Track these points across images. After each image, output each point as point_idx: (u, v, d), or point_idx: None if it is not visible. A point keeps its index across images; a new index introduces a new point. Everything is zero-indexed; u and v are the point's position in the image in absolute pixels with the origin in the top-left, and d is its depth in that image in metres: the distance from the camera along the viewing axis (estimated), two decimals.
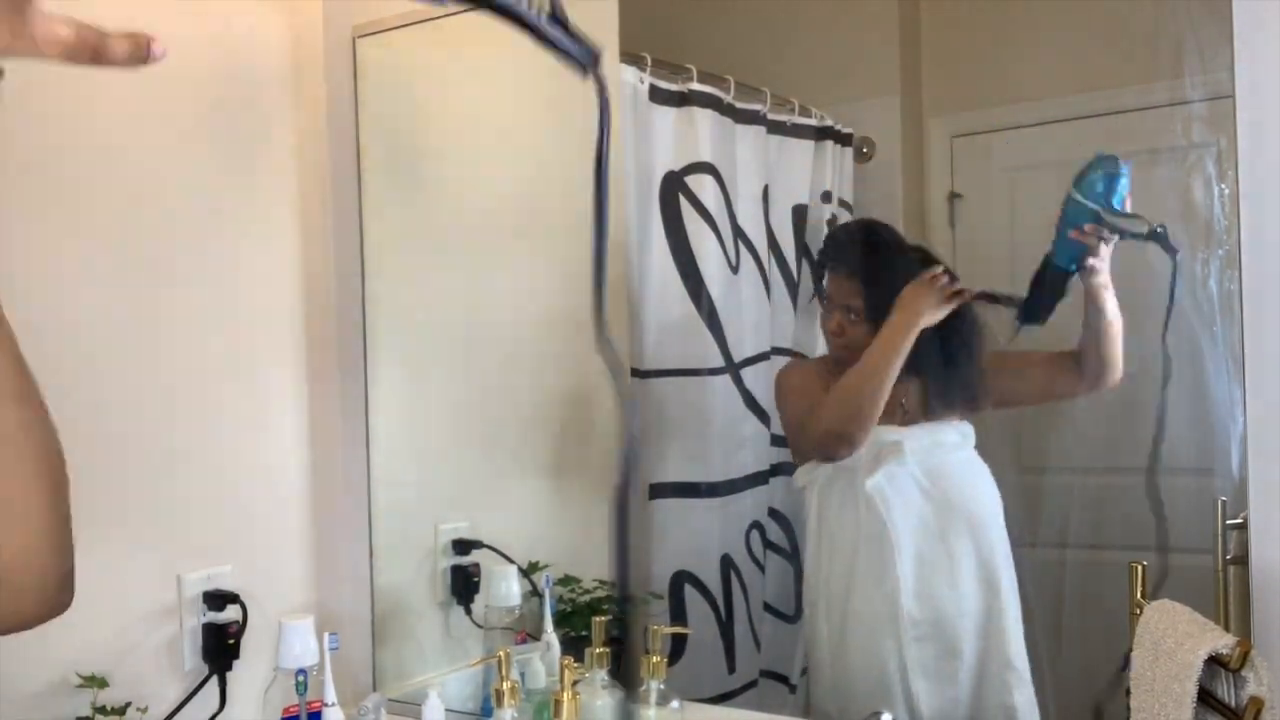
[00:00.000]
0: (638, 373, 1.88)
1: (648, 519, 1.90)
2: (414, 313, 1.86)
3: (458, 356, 1.90)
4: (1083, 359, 1.55)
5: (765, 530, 1.93)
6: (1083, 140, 1.67)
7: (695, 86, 1.85)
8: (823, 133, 1.92)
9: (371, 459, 1.79)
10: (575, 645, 1.66)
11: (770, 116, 1.91)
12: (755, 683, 1.89)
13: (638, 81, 1.81)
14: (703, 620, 1.88)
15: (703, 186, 1.88)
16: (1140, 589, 1.25)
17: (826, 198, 1.92)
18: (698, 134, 1.87)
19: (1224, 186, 1.44)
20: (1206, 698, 1.05)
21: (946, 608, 1.63)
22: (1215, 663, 1.04)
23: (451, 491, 1.90)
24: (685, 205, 1.87)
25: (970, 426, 1.65)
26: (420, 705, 1.59)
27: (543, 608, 1.71)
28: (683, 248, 1.87)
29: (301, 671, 1.49)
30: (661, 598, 1.86)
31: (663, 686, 1.52)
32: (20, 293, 1.41)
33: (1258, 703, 1.02)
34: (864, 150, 1.91)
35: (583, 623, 1.68)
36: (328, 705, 1.51)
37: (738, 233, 1.90)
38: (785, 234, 1.94)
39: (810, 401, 1.72)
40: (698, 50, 1.88)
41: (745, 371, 1.91)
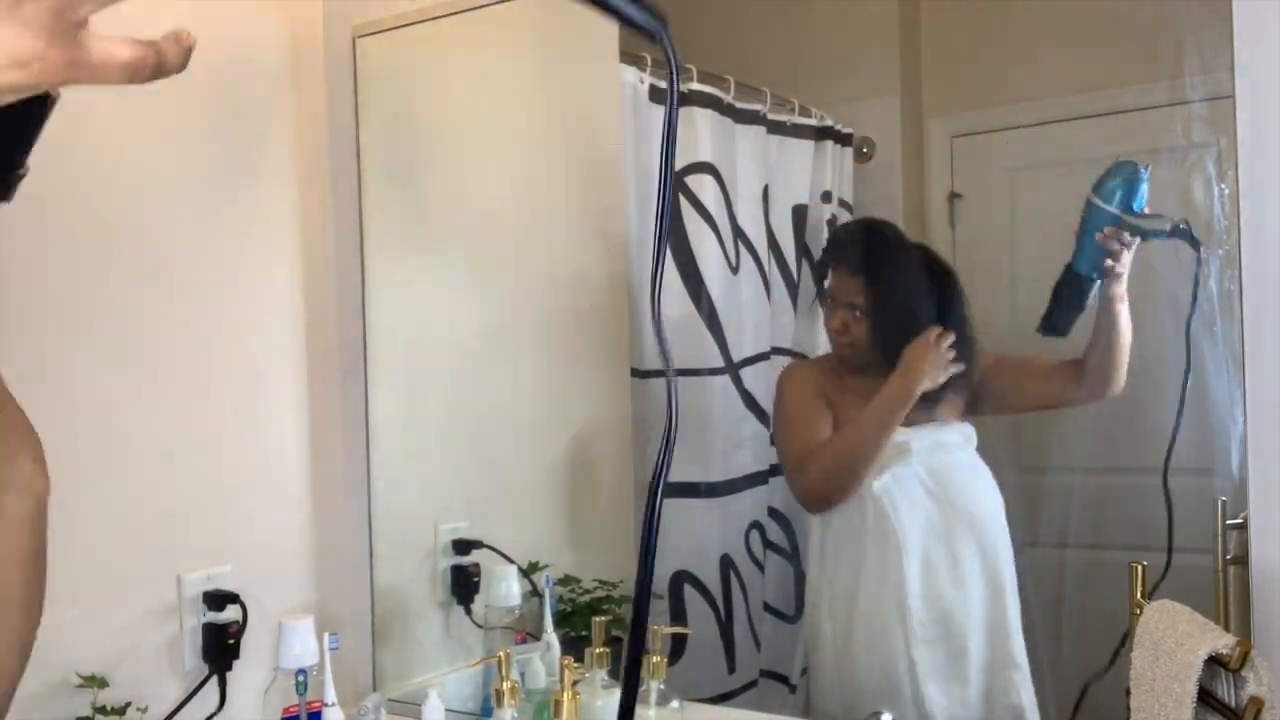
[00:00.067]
0: (637, 373, 1.88)
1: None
2: (414, 312, 1.86)
3: (458, 356, 1.90)
4: (1086, 368, 1.54)
5: (765, 530, 1.93)
6: (1083, 140, 1.67)
7: (695, 86, 1.85)
8: (823, 133, 1.92)
9: (371, 459, 1.79)
10: (575, 645, 1.66)
11: (770, 116, 1.91)
12: (755, 683, 1.89)
13: (637, 81, 1.81)
14: (703, 620, 1.87)
15: (703, 186, 1.88)
16: (1140, 589, 1.25)
17: (826, 198, 1.92)
18: (698, 134, 1.87)
19: (1224, 186, 1.44)
20: (1206, 698, 1.05)
21: (952, 608, 1.63)
22: (1215, 663, 1.04)
23: (451, 491, 1.90)
24: (685, 205, 1.87)
25: (972, 428, 1.64)
26: (420, 705, 1.59)
27: (543, 608, 1.71)
28: (683, 248, 1.87)
29: (301, 671, 1.49)
30: (661, 598, 1.86)
31: (663, 686, 1.52)
32: (20, 295, 1.42)
33: (1258, 703, 1.02)
34: (864, 150, 1.91)
35: (583, 623, 1.68)
36: (328, 705, 1.51)
37: (738, 233, 1.90)
38: (785, 234, 1.93)
39: (804, 442, 1.73)
40: (698, 50, 1.88)
41: (745, 371, 1.91)
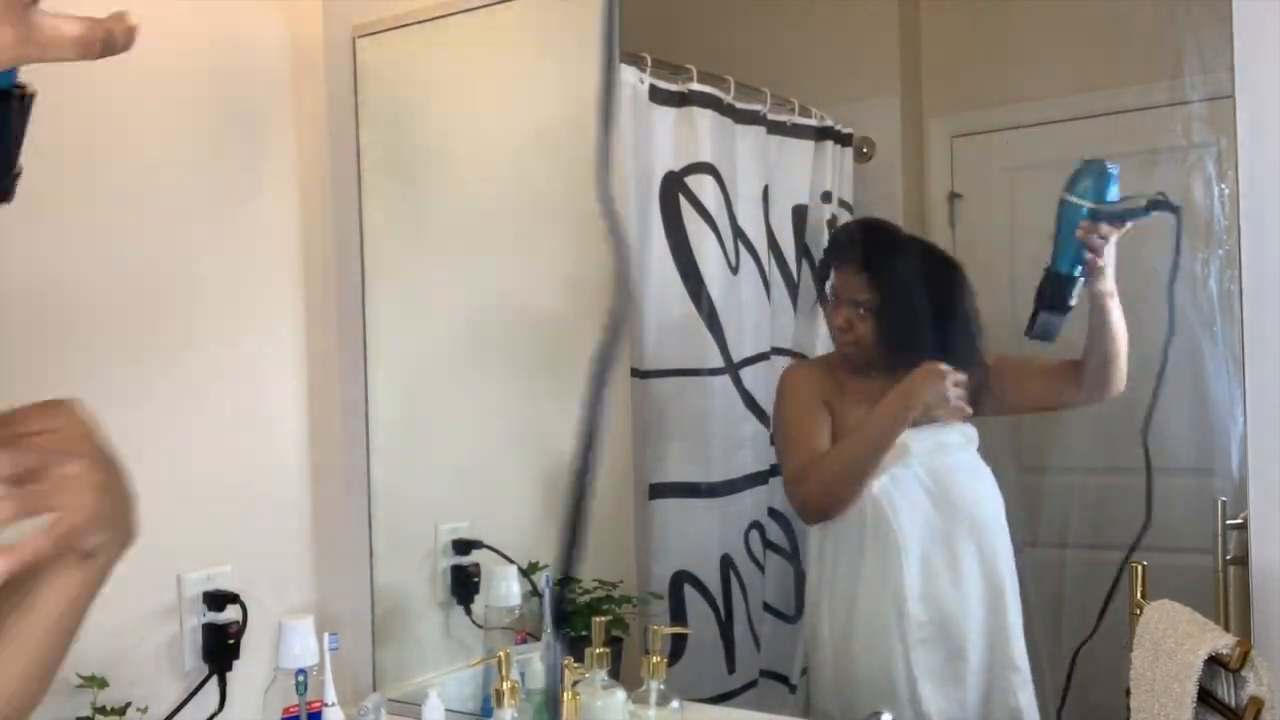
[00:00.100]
0: (637, 373, 1.88)
1: (648, 519, 1.89)
2: (414, 312, 1.86)
3: (458, 356, 1.90)
4: (1084, 370, 1.54)
5: (765, 530, 1.93)
6: (1083, 140, 1.67)
7: (695, 86, 1.85)
8: (823, 133, 1.92)
9: (371, 459, 1.79)
10: (575, 645, 1.66)
11: (770, 116, 1.91)
12: (755, 683, 1.89)
13: (637, 81, 1.81)
14: (703, 620, 1.87)
15: (703, 187, 1.88)
16: (1140, 589, 1.25)
17: (826, 198, 1.92)
18: (698, 134, 1.87)
19: (1224, 186, 1.43)
20: (1206, 698, 1.05)
21: (951, 609, 1.63)
22: (1215, 663, 1.04)
23: (451, 491, 1.90)
24: (685, 205, 1.87)
25: (973, 429, 1.64)
26: (420, 705, 1.59)
27: (543, 608, 1.71)
28: (683, 248, 1.87)
29: (301, 671, 1.49)
30: (661, 598, 1.86)
31: (663, 686, 1.52)
32: (20, 293, 1.42)
33: (1258, 703, 1.02)
34: (864, 150, 1.91)
35: (583, 623, 1.68)
36: (328, 705, 1.51)
37: (738, 233, 1.90)
38: (785, 234, 1.93)
39: (804, 453, 1.73)
40: (698, 50, 1.88)
41: (745, 372, 1.91)
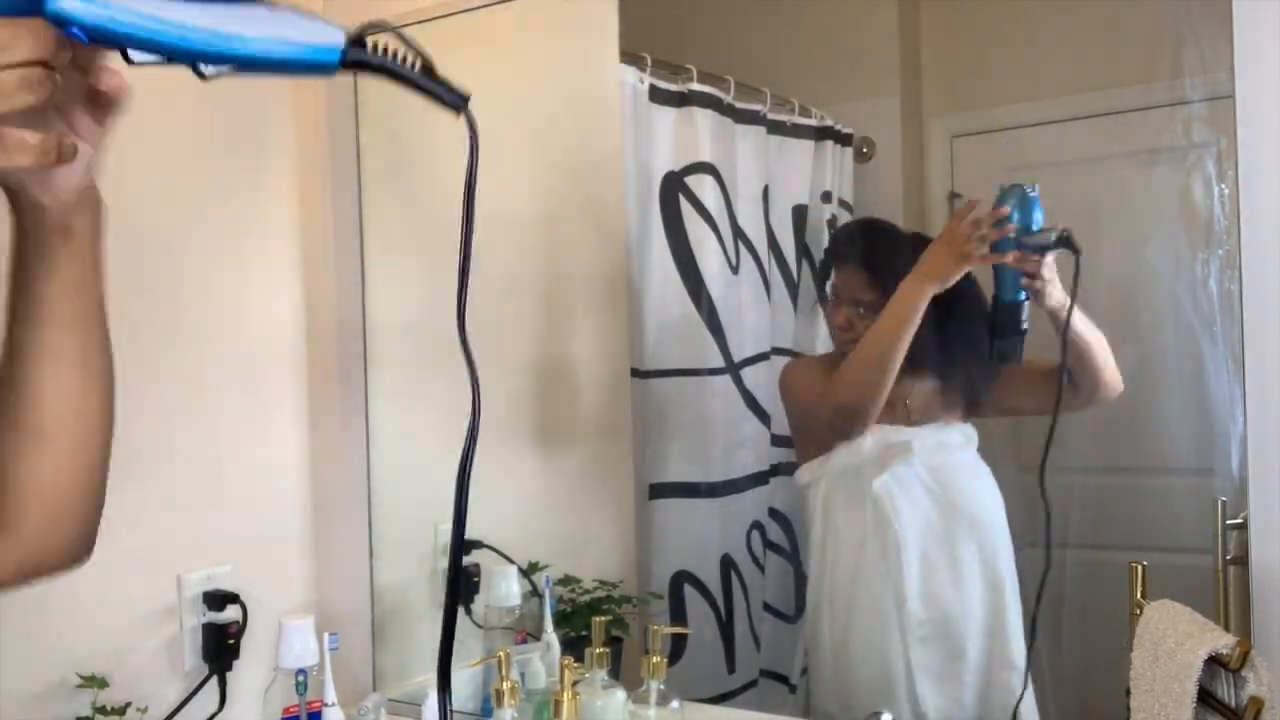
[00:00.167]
0: (638, 373, 1.88)
1: (648, 519, 1.90)
2: (414, 312, 1.85)
3: (458, 355, 1.89)
4: (1075, 375, 1.54)
5: (765, 530, 1.93)
6: (1083, 140, 1.68)
7: (695, 86, 1.85)
8: (823, 133, 1.92)
9: (371, 459, 1.79)
10: (575, 645, 1.66)
11: (770, 116, 1.91)
12: (755, 683, 1.89)
13: (638, 81, 1.81)
14: (703, 620, 1.87)
15: (703, 187, 1.88)
16: (1140, 589, 1.25)
17: (826, 198, 1.92)
18: (698, 134, 1.87)
19: (1224, 186, 1.44)
20: (1206, 698, 1.05)
21: (951, 609, 1.63)
22: (1215, 663, 1.04)
23: (451, 491, 1.89)
24: (685, 205, 1.87)
25: (973, 429, 1.64)
26: (420, 705, 1.59)
27: (543, 608, 1.71)
28: (683, 248, 1.87)
29: (301, 671, 1.49)
30: (661, 598, 1.87)
31: (663, 686, 1.52)
32: None
33: (1258, 703, 1.02)
34: (864, 150, 1.91)
35: (583, 623, 1.68)
36: (328, 705, 1.51)
37: (738, 233, 1.90)
38: (785, 234, 1.93)
39: (819, 388, 1.72)
40: (698, 50, 1.88)
41: (745, 371, 1.91)
